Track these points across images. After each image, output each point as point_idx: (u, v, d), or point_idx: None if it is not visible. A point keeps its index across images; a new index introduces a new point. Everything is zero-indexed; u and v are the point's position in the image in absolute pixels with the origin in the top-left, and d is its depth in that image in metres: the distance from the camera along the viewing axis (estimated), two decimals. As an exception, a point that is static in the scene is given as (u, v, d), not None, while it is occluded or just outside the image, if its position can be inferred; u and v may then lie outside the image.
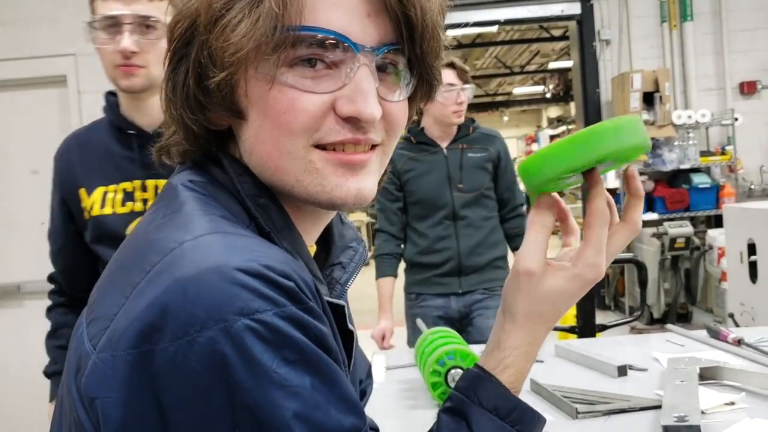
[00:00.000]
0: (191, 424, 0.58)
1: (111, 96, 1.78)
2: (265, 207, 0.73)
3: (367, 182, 0.74)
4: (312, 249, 0.83)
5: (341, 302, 0.73)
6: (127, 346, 0.59)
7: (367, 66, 0.70)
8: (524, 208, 3.05)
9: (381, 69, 0.73)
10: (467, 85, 2.93)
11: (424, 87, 0.78)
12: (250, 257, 0.61)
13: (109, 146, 1.75)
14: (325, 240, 0.88)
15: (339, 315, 0.73)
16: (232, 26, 0.68)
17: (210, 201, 0.71)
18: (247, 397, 0.57)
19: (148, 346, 0.58)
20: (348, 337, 0.75)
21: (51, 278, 1.92)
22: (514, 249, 3.09)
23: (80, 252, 1.80)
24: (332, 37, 0.68)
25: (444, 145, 3.03)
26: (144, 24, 1.60)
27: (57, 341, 1.88)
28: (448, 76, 2.91)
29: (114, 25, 1.59)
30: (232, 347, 0.57)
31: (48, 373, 1.89)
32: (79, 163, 1.77)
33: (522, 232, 3.01)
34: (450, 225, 2.98)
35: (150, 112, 1.70)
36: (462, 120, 2.99)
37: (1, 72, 3.74)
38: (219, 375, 0.57)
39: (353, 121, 0.71)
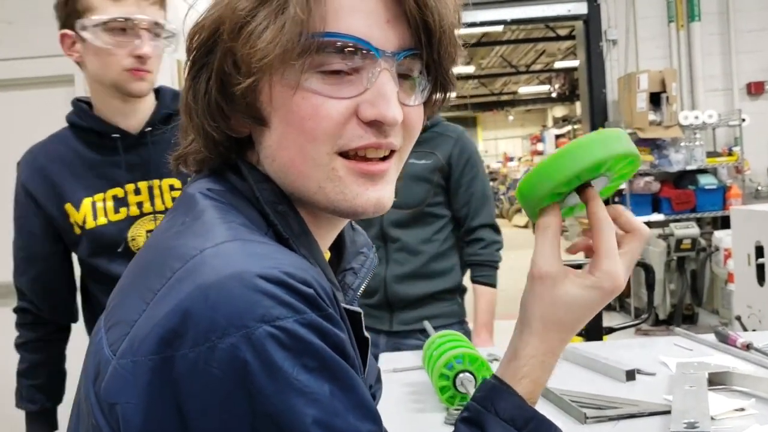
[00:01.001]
0: (212, 430, 0.58)
1: (83, 103, 1.73)
2: (283, 214, 0.74)
3: (385, 191, 0.76)
4: (326, 255, 0.84)
5: (358, 309, 0.74)
6: (147, 352, 0.60)
7: (388, 70, 0.71)
8: (488, 230, 2.43)
9: (399, 74, 0.74)
10: None
11: (438, 91, 0.79)
12: (270, 264, 0.62)
13: (84, 155, 1.69)
14: (338, 246, 0.88)
15: (355, 321, 0.73)
16: (258, 33, 0.68)
17: (229, 209, 0.71)
18: (268, 404, 0.58)
19: (169, 351, 0.59)
20: (363, 344, 0.75)
21: (21, 309, 1.80)
22: (474, 280, 2.46)
23: (63, 274, 1.76)
24: (354, 42, 0.69)
25: None
26: (154, 31, 1.59)
27: (34, 381, 1.78)
28: None
29: (127, 28, 1.56)
30: (254, 354, 0.57)
31: (27, 411, 1.79)
32: (58, 179, 1.68)
33: (483, 261, 2.42)
34: (380, 247, 2.39)
35: (138, 115, 1.69)
36: None
37: (7, 71, 3.74)
38: (240, 382, 0.57)
39: (376, 125, 0.72)
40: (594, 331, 2.34)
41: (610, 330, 2.39)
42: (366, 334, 0.76)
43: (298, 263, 0.65)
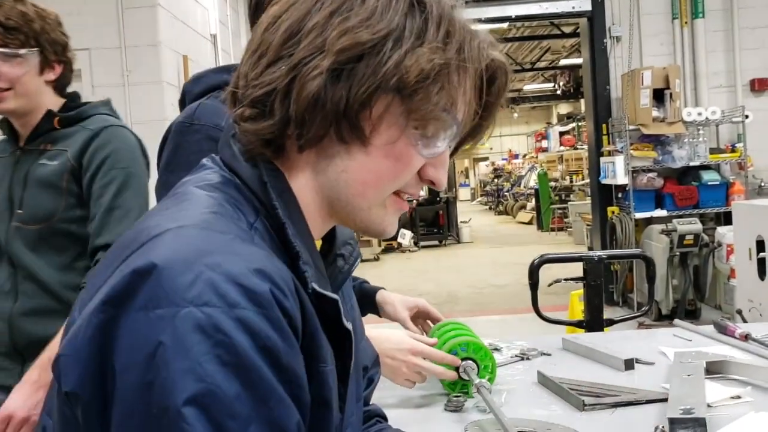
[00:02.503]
0: (125, 392, 0.61)
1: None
2: (287, 201, 0.77)
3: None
4: (318, 243, 0.87)
5: (334, 296, 0.75)
6: (95, 311, 0.64)
7: (449, 147, 0.81)
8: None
9: None
10: (6, 50, 1.80)
11: None
12: (222, 254, 0.65)
13: None
14: (329, 234, 0.92)
15: (333, 309, 0.75)
16: (411, 52, 0.75)
17: (216, 199, 0.75)
18: (166, 379, 0.60)
19: (113, 311, 0.63)
20: (345, 336, 0.77)
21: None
22: None
23: None
24: (455, 128, 0.79)
25: (23, 142, 1.92)
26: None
27: None
28: None
29: None
30: (172, 330, 0.60)
31: None
32: None
33: None
34: (11, 274, 1.85)
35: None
36: (10, 106, 1.85)
37: (16, 66, 3.77)
38: (153, 352, 0.60)
39: (427, 183, 0.82)
40: (595, 322, 2.37)
41: (611, 322, 2.40)
42: (347, 325, 0.76)
43: (256, 255, 0.67)
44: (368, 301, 1.79)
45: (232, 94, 0.80)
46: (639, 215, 6.57)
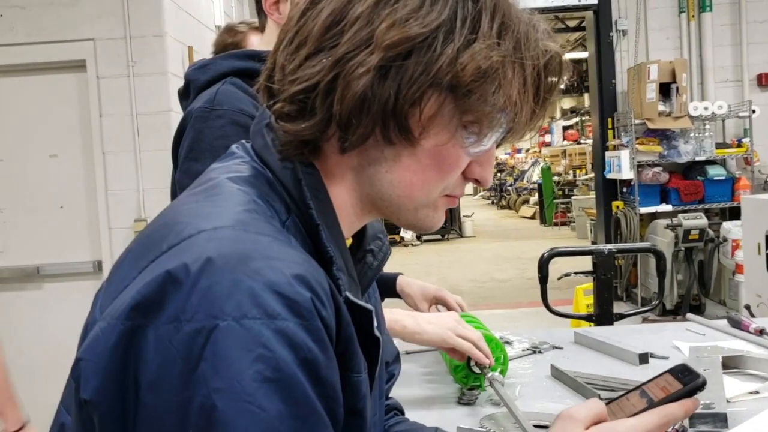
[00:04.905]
0: (156, 406, 0.58)
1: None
2: (322, 201, 0.73)
3: None
4: (348, 242, 0.84)
5: (369, 306, 0.72)
6: (121, 316, 0.60)
7: (496, 141, 0.75)
8: None
9: None
10: None
11: None
12: (260, 259, 0.61)
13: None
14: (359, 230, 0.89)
15: (366, 318, 0.71)
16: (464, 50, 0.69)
17: (248, 195, 0.70)
18: (207, 397, 0.56)
19: (141, 320, 0.59)
20: (374, 343, 0.74)
21: None
22: None
23: None
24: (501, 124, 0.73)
25: None
26: None
27: None
28: None
29: None
30: (211, 345, 0.57)
31: None
32: None
33: None
34: None
35: None
36: None
37: (20, 56, 3.76)
38: (190, 368, 0.57)
39: (472, 182, 0.78)
40: (604, 317, 2.35)
41: (621, 316, 2.39)
42: (377, 333, 0.73)
43: (296, 259, 0.63)
44: (387, 287, 1.81)
45: (266, 88, 0.75)
46: (644, 210, 6.55)
